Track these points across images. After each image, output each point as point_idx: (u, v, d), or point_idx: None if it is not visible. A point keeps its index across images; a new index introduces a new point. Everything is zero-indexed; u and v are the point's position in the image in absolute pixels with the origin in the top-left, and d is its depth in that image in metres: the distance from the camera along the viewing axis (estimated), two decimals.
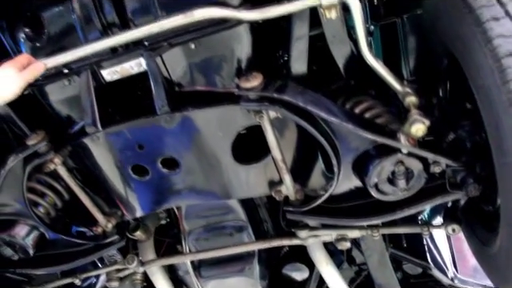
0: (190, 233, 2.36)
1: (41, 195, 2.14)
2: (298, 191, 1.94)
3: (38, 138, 1.90)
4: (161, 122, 1.75)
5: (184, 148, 1.82)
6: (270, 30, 1.82)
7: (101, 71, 1.82)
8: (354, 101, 1.87)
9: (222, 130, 1.78)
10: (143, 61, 1.77)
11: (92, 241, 2.20)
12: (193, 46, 1.75)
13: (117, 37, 1.71)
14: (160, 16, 1.74)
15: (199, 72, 1.80)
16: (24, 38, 1.94)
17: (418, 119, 1.60)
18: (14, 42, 2.00)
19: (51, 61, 1.80)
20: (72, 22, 1.84)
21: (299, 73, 1.80)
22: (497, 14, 1.37)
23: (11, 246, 2.19)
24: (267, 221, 2.46)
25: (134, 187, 1.98)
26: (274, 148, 1.80)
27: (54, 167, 1.96)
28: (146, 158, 1.86)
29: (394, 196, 1.78)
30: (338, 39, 1.75)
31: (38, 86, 1.96)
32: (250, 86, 1.65)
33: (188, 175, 1.90)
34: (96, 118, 1.79)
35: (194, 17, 1.62)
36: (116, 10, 1.78)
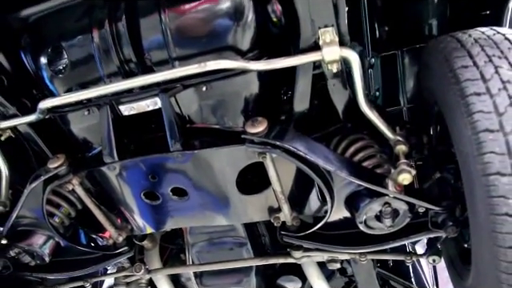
0: (193, 245, 2.56)
1: (56, 206, 2.32)
2: (294, 218, 2.13)
3: (59, 162, 2.07)
4: (173, 158, 1.92)
5: (193, 180, 2.00)
6: (275, 73, 1.98)
7: (119, 106, 1.99)
8: (348, 141, 2.05)
9: (228, 166, 1.96)
10: (158, 100, 1.93)
11: (103, 251, 2.40)
12: (204, 89, 1.92)
13: (135, 80, 1.87)
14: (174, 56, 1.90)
15: (209, 112, 1.98)
16: (46, 66, 2.09)
17: (405, 169, 1.79)
18: (36, 66, 2.14)
19: (74, 96, 1.97)
20: (92, 55, 1.99)
21: (301, 111, 1.97)
22: (479, 89, 1.53)
23: (29, 253, 2.39)
24: (265, 235, 2.65)
25: (145, 209, 2.17)
26: (274, 182, 1.98)
27: (72, 188, 2.14)
28: (158, 187, 2.04)
29: (380, 231, 1.97)
30: (337, 88, 1.92)
31: (60, 114, 2.13)
32: (255, 131, 1.82)
33: (195, 202, 2.08)
34: (113, 150, 1.97)
35: (207, 67, 1.78)
36: (133, 47, 1.93)
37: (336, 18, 1.75)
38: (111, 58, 1.95)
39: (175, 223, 2.21)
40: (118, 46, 1.94)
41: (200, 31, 1.89)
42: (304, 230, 2.14)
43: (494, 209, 1.47)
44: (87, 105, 2.05)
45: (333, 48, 1.74)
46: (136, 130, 2.08)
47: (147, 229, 2.27)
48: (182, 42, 1.90)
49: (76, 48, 2.02)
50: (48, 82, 2.12)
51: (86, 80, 2.05)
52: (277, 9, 1.92)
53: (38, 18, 2.11)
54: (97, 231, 2.46)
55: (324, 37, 1.75)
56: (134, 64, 1.94)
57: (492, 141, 1.47)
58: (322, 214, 2.16)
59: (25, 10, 2.11)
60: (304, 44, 1.80)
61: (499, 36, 1.69)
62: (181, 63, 1.92)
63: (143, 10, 1.93)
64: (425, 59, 1.95)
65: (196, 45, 1.90)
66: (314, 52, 1.77)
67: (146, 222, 2.24)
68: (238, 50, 1.90)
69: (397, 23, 2.56)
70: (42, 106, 2.02)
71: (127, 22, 1.91)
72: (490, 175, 1.46)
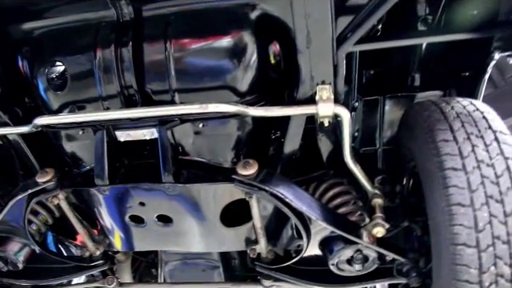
0: (166, 263, 2.64)
1: (35, 213, 2.35)
2: (269, 251, 2.26)
3: (48, 177, 2.11)
4: (164, 189, 1.99)
5: (179, 210, 2.08)
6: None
7: (115, 131, 2.04)
8: (327, 185, 2.19)
9: (214, 200, 2.05)
10: (155, 131, 2.00)
11: (79, 262, 2.44)
12: (201, 125, 2.00)
13: (136, 111, 1.93)
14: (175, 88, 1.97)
15: (201, 146, 2.06)
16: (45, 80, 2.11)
17: (379, 223, 1.95)
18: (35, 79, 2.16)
19: (72, 117, 2.01)
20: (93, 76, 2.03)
21: (289, 155, 2.09)
22: (456, 165, 1.70)
23: (3, 259, 2.41)
24: (236, 258, 2.77)
25: (129, 230, 2.23)
26: (256, 218, 2.09)
27: (57, 202, 2.17)
28: (145, 213, 2.11)
29: (349, 273, 2.13)
30: (325, 138, 2.05)
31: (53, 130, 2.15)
32: (246, 173, 1.92)
33: (178, 230, 2.16)
34: (105, 174, 2.02)
35: (208, 109, 1.87)
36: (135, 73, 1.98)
37: (334, 77, 1.87)
38: (112, 81, 2.00)
39: (155, 246, 2.29)
40: (121, 70, 1.99)
41: (203, 67, 1.97)
42: (277, 262, 2.27)
43: (456, 275, 1.64)
44: (83, 125, 2.09)
45: (328, 105, 1.86)
46: (127, 154, 2.13)
47: (127, 248, 2.33)
48: (183, 75, 1.97)
49: (77, 67, 2.05)
50: (45, 96, 2.14)
51: (83, 99, 2.08)
52: (278, 56, 2.02)
53: (42, 32, 2.12)
54: (70, 238, 2.51)
55: (321, 93, 1.87)
56: (134, 90, 1.99)
57: (463, 214, 1.64)
58: (293, 247, 2.31)
59: (29, 22, 2.12)
60: (301, 96, 1.91)
61: (478, 114, 1.86)
62: (180, 96, 1.99)
63: (150, 38, 1.98)
64: (408, 121, 2.10)
65: (197, 80, 1.98)
66: (309, 105, 1.89)
67: (127, 242, 2.30)
68: (236, 92, 1.99)
69: (383, 71, 2.71)
70: (38, 122, 2.04)
71: (133, 47, 1.97)
72: (457, 245, 1.63)
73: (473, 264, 1.62)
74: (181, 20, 1.98)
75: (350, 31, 1.83)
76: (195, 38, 1.98)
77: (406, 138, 2.13)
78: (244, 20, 1.94)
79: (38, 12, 2.09)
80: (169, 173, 1.96)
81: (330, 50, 1.81)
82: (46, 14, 2.09)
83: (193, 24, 1.99)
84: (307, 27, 1.75)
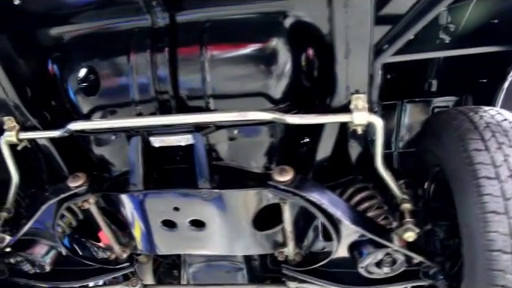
0: (190, 264, 2.67)
1: (60, 216, 2.35)
2: (297, 254, 2.31)
3: (80, 182, 2.12)
4: (200, 195, 2.02)
5: (213, 215, 2.11)
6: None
7: (149, 137, 2.06)
8: (354, 189, 2.24)
9: (248, 205, 2.09)
10: (191, 137, 2.02)
11: (105, 264, 2.46)
12: (236, 132, 2.03)
13: (173, 117, 1.95)
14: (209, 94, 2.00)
15: (236, 153, 2.10)
16: (77, 85, 2.12)
17: (410, 228, 2.01)
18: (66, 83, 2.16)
19: (107, 123, 2.02)
20: (127, 82, 2.04)
21: (321, 162, 2.13)
22: (490, 174, 1.76)
23: (30, 262, 2.41)
24: (256, 260, 2.81)
25: (159, 234, 2.25)
26: (287, 222, 2.14)
27: (87, 206, 2.18)
28: (178, 217, 2.14)
29: (377, 275, 2.19)
30: (356, 146, 2.10)
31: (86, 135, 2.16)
32: (282, 179, 1.96)
33: (210, 234, 2.19)
34: (140, 179, 2.04)
35: (246, 117, 1.90)
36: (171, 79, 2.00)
37: (369, 87, 1.92)
38: (147, 86, 2.02)
39: (185, 250, 2.31)
40: (156, 76, 2.00)
41: (238, 74, 2.00)
42: (304, 264, 2.32)
43: (493, 281, 1.71)
44: (116, 130, 2.10)
45: (363, 113, 1.91)
46: (159, 159, 2.15)
47: (156, 251, 2.35)
48: (219, 81, 2.00)
49: (110, 72, 2.07)
50: (75, 100, 2.15)
51: (115, 104, 2.10)
52: (312, 63, 2.06)
53: (74, 37, 2.13)
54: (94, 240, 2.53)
55: (356, 102, 1.91)
56: (169, 96, 2.01)
57: (498, 222, 1.70)
58: (318, 250, 2.36)
59: (61, 27, 2.12)
60: (335, 104, 1.95)
61: (507, 123, 1.92)
62: (215, 102, 2.02)
63: (185, 44, 2.01)
64: (434, 129, 2.15)
65: (232, 87, 2.01)
66: (344, 114, 1.93)
67: (156, 246, 2.32)
68: (270, 99, 2.02)
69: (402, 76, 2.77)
70: (71, 127, 2.06)
71: (169, 53, 1.98)
72: (493, 251, 1.70)
73: (509, 269, 1.69)
74: (215, 27, 2.01)
75: (388, 42, 1.88)
76: (230, 45, 2.01)
77: (432, 145, 2.18)
78: (278, 27, 1.98)
79: (70, 17, 2.10)
80: (205, 179, 1.99)
81: (368, 60, 1.85)
82: (79, 19, 2.10)
83: (227, 31, 2.02)
84: (347, 38, 1.79)
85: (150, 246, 2.37)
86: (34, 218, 2.21)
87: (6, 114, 2.16)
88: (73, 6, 2.07)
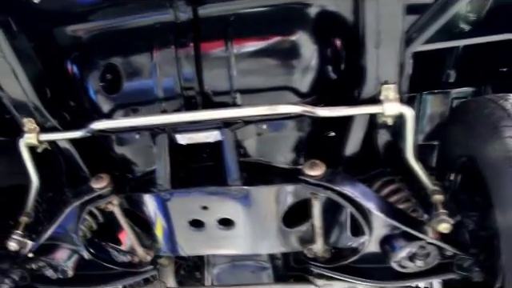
0: (214, 265, 2.62)
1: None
2: (326, 250, 2.26)
3: (104, 183, 2.07)
4: (230, 192, 1.98)
5: (242, 213, 2.07)
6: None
7: (175, 135, 2.01)
8: (382, 182, 2.20)
9: (278, 202, 2.05)
10: (218, 133, 1.98)
11: (128, 268, 2.40)
12: (264, 126, 1.99)
13: (201, 113, 1.91)
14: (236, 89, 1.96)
15: (265, 149, 2.06)
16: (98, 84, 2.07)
17: (445, 219, 1.97)
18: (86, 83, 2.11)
19: (132, 121, 1.98)
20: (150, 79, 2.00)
21: (350, 156, 2.10)
22: None
23: (53, 267, 2.35)
24: (279, 258, 2.76)
25: (185, 234, 2.19)
26: (316, 218, 2.10)
27: (111, 208, 2.13)
28: (206, 216, 2.09)
29: (409, 270, 2.15)
30: (385, 137, 2.06)
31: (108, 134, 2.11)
32: (313, 174, 1.92)
33: (239, 233, 2.14)
34: (167, 178, 1.99)
35: (277, 110, 1.87)
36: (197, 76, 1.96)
37: (400, 77, 1.88)
38: (171, 83, 1.98)
39: (211, 250, 2.26)
40: (181, 72, 1.96)
41: (264, 67, 1.97)
42: (332, 261, 2.28)
43: None
44: (140, 128, 2.05)
45: (394, 104, 1.88)
46: (185, 157, 2.11)
47: (180, 252, 2.30)
48: (245, 75, 1.97)
49: (133, 69, 2.03)
50: (96, 99, 2.10)
51: (138, 101, 2.06)
52: (340, 55, 2.02)
53: (94, 35, 2.09)
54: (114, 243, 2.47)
55: (386, 92, 1.88)
56: (195, 92, 1.97)
57: None
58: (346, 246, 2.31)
59: (80, 25, 2.08)
60: (365, 96, 1.92)
61: None
62: (241, 97, 1.98)
63: (210, 39, 1.98)
64: (464, 119, 2.12)
65: (259, 80, 1.98)
66: (374, 105, 1.90)
67: (182, 247, 2.27)
68: (298, 92, 1.99)
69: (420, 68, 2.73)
70: (94, 126, 2.01)
71: (194, 48, 1.94)
72: None
73: None
74: (239, 20, 1.98)
75: (418, 30, 1.85)
76: (255, 39, 1.98)
77: (460, 135, 2.16)
78: (303, 18, 1.96)
79: (89, 15, 2.06)
80: (235, 176, 1.95)
81: (399, 49, 1.82)
82: (98, 16, 2.06)
83: (252, 24, 1.99)
84: (378, 27, 1.75)
85: (173, 247, 2.32)
86: (57, 222, 2.15)
87: (25, 115, 2.11)
88: (92, 4, 2.03)
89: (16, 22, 1.96)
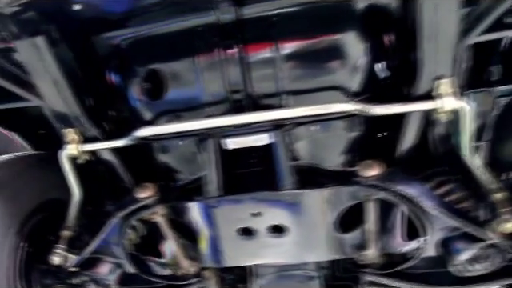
0: (260, 277, 2.52)
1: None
2: (379, 256, 2.16)
3: (149, 192, 2.00)
4: (282, 197, 1.90)
5: (294, 218, 1.98)
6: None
7: (223, 140, 1.95)
8: (437, 182, 2.11)
9: (331, 206, 1.96)
10: (266, 137, 1.91)
11: (172, 281, 2.32)
12: (314, 128, 1.92)
13: (252, 115, 1.84)
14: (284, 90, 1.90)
15: (316, 151, 1.98)
16: (140, 90, 2.03)
17: (509, 219, 1.86)
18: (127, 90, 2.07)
19: (177, 127, 1.92)
20: (194, 83, 1.95)
21: (405, 155, 2.02)
22: None
23: (96, 282, 2.28)
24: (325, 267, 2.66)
25: (233, 244, 2.11)
26: (370, 222, 2.00)
27: (156, 219, 2.06)
28: (257, 224, 2.00)
29: (469, 273, 2.04)
30: (441, 134, 1.98)
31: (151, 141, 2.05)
32: (370, 174, 1.84)
33: (290, 240, 2.05)
34: (216, 186, 1.92)
35: (331, 109, 1.80)
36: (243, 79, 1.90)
37: (455, 71, 1.81)
38: (217, 87, 1.93)
39: (259, 259, 2.16)
40: (227, 74, 1.91)
41: (312, 67, 1.91)
42: (386, 267, 2.18)
43: None
44: (185, 134, 1.99)
45: (449, 99, 1.80)
46: (232, 163, 2.04)
47: (228, 263, 2.21)
48: (293, 76, 1.91)
49: (177, 73, 1.98)
50: (138, 106, 2.06)
51: (183, 107, 2.00)
52: (390, 52, 1.96)
53: (133, 41, 2.05)
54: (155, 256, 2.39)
55: (442, 87, 1.81)
56: (243, 95, 1.92)
57: None
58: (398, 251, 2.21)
59: (118, 31, 2.04)
60: (419, 92, 1.84)
61: None
62: (290, 98, 1.93)
63: (256, 40, 1.93)
64: None
65: (307, 81, 1.92)
66: (429, 101, 1.82)
67: (227, 258, 2.17)
68: (347, 92, 1.93)
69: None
70: (138, 134, 1.95)
71: (239, 50, 1.89)
72: None
73: None
74: (284, 20, 1.93)
75: (474, 21, 1.78)
76: (302, 38, 1.93)
77: None
78: (350, 14, 1.91)
79: (129, 20, 2.02)
80: (287, 180, 1.88)
81: (454, 41, 1.75)
82: (138, 22, 2.02)
83: (297, 23, 1.93)
84: (433, 20, 1.69)
85: (218, 258, 2.22)
86: (102, 235, 2.09)
87: (66, 125, 2.07)
88: (132, 9, 1.99)
89: (56, 30, 1.93)
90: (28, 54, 1.89)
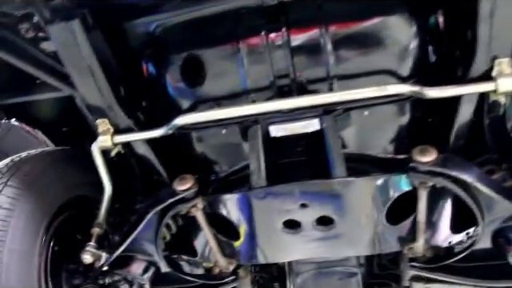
0: (298, 274, 2.40)
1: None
2: (428, 249, 2.06)
3: (188, 184, 1.89)
4: (333, 187, 1.79)
5: (344, 209, 1.87)
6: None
7: (269, 126, 1.85)
8: (488, 170, 2.01)
9: (383, 195, 1.86)
10: (315, 122, 1.82)
11: (207, 280, 2.20)
12: (366, 113, 1.82)
13: (303, 99, 1.75)
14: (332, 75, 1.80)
15: (366, 137, 1.89)
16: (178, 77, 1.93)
17: None
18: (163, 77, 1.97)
19: (219, 113, 1.82)
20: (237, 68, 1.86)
21: (458, 141, 1.93)
22: None
23: (128, 281, 2.17)
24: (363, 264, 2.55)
25: (275, 238, 1.99)
26: (421, 212, 1.90)
27: (194, 213, 1.95)
28: (304, 216, 1.89)
29: None
30: (495, 119, 1.88)
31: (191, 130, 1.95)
32: (425, 160, 1.74)
33: (337, 233, 1.95)
34: (263, 175, 1.81)
35: (387, 91, 1.71)
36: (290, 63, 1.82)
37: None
38: (262, 72, 1.84)
39: (303, 254, 2.05)
40: (273, 59, 1.82)
41: (362, 51, 1.83)
42: (435, 261, 2.07)
43: None
44: (228, 123, 1.89)
45: (508, 79, 1.71)
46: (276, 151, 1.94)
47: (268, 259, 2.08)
48: (342, 60, 1.83)
49: (219, 58, 1.89)
50: (178, 95, 1.96)
51: (225, 93, 1.91)
52: (443, 31, 1.87)
53: (170, 26, 1.95)
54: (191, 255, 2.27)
55: (500, 67, 1.72)
56: (290, 80, 1.83)
57: None
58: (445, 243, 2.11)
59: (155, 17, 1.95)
60: (475, 73, 1.75)
61: None
62: (338, 83, 1.84)
63: (303, 23, 1.84)
64: None
65: (357, 65, 1.83)
66: (486, 82, 1.73)
67: (265, 254, 2.05)
68: (397, 75, 1.84)
69: None
70: (178, 121, 1.85)
71: (286, 34, 1.81)
72: None
73: None
74: (332, 2, 1.84)
75: None
76: (350, 20, 1.84)
77: None
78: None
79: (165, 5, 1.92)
80: (339, 167, 1.76)
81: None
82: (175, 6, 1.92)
83: (345, 5, 1.85)
84: None
85: (255, 254, 2.11)
86: (137, 231, 1.97)
87: (99, 115, 1.96)
88: None
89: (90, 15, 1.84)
90: (62, 40, 1.79)
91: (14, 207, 1.94)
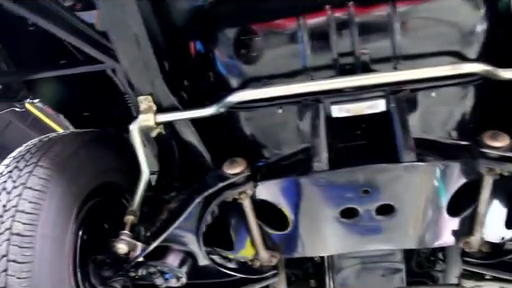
0: (340, 270, 2.27)
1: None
2: (483, 244, 1.95)
3: (240, 168, 1.75)
4: (402, 170, 1.67)
5: (406, 196, 1.76)
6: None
7: (331, 106, 1.73)
8: None
9: (450, 183, 1.75)
10: (382, 103, 1.71)
11: (247, 274, 2.05)
12: (433, 94, 1.72)
13: (363, 78, 1.65)
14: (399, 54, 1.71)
15: (432, 121, 1.77)
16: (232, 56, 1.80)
17: None
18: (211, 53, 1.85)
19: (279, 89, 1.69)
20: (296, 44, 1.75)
21: None
22: None
23: (164, 274, 1.99)
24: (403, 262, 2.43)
25: (328, 229, 1.86)
26: (482, 203, 1.80)
27: (242, 200, 1.80)
28: (365, 203, 1.76)
29: None
30: None
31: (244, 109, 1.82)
32: (498, 145, 1.64)
33: (396, 223, 1.83)
34: (325, 158, 1.68)
35: (462, 70, 1.62)
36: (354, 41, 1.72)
37: None
38: (324, 49, 1.72)
39: (357, 246, 1.92)
40: (335, 36, 1.71)
41: (430, 30, 1.73)
42: (490, 257, 1.96)
43: None
44: (285, 101, 1.77)
45: None
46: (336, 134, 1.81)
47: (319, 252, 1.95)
48: (409, 39, 1.73)
49: (276, 35, 1.77)
50: (230, 72, 1.82)
51: (282, 71, 1.78)
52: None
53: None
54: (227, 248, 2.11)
55: None
56: (354, 58, 1.72)
57: None
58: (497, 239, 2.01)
59: None
60: None
61: None
62: (404, 63, 1.73)
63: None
64: None
65: (424, 45, 1.73)
66: None
67: (318, 245, 1.92)
68: (464, 57, 1.74)
69: None
70: (232, 99, 1.71)
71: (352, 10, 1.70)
72: None
73: None
74: None
75: None
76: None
77: None
78: None
79: None
80: (410, 150, 1.63)
81: None
82: None
83: None
84: None
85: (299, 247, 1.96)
86: (180, 219, 1.81)
87: (141, 91, 1.80)
88: None
89: None
90: (110, 7, 1.64)
91: (45, 189, 1.77)
